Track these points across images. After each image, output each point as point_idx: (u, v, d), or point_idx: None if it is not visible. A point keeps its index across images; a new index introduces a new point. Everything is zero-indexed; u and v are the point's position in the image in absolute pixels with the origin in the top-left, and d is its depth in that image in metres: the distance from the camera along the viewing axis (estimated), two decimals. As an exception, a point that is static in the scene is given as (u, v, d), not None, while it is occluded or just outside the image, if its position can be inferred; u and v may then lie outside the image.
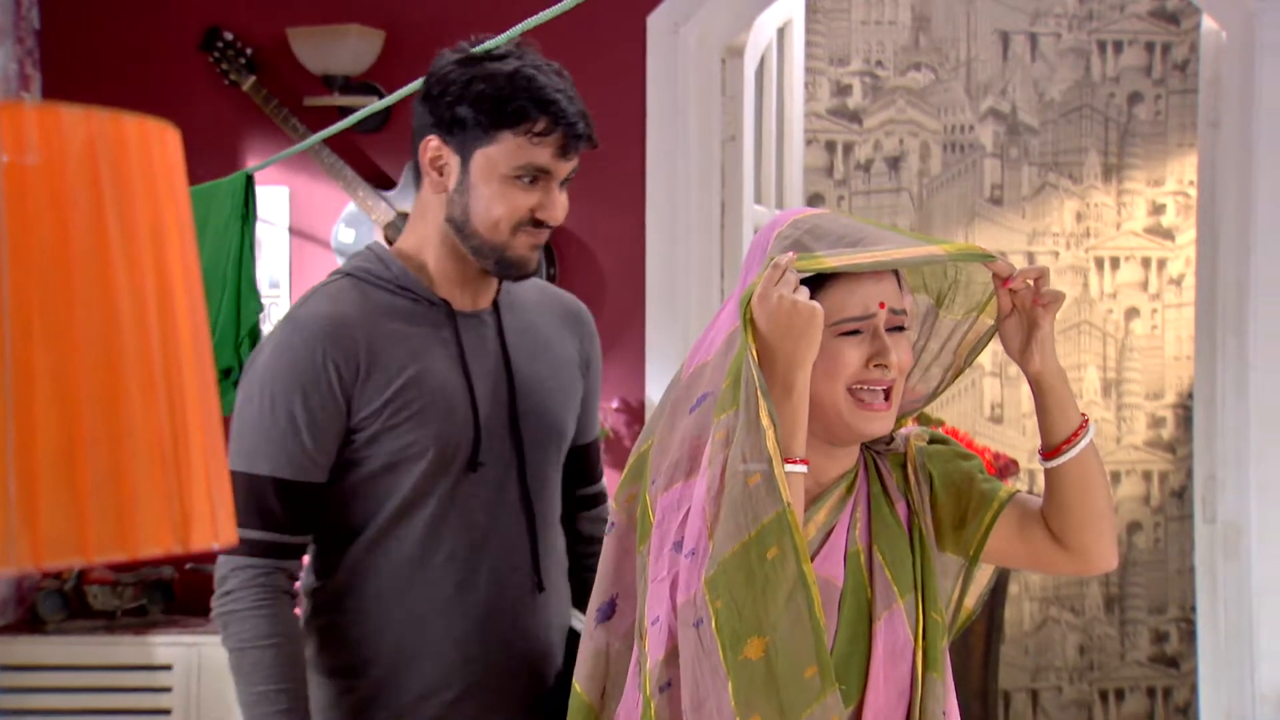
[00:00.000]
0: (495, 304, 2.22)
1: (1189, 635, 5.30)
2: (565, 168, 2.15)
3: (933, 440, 1.94)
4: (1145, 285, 5.34)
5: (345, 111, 3.87)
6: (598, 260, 4.03)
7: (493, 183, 2.09)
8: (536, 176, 2.12)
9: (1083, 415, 1.85)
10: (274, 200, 4.11)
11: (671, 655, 1.75)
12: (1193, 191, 5.27)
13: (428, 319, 2.15)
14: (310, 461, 2.09)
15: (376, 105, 2.83)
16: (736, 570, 1.69)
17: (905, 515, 1.89)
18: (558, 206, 2.16)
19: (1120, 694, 5.39)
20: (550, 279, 3.99)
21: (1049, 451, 1.85)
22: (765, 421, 1.70)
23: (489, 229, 2.10)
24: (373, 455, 2.11)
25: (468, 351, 2.16)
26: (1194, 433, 4.15)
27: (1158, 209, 5.33)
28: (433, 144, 2.09)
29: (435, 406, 2.11)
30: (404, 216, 4.03)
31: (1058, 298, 1.81)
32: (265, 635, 2.07)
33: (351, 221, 4.07)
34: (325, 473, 2.11)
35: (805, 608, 1.69)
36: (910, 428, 1.97)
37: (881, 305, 1.80)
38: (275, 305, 4.04)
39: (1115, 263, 5.32)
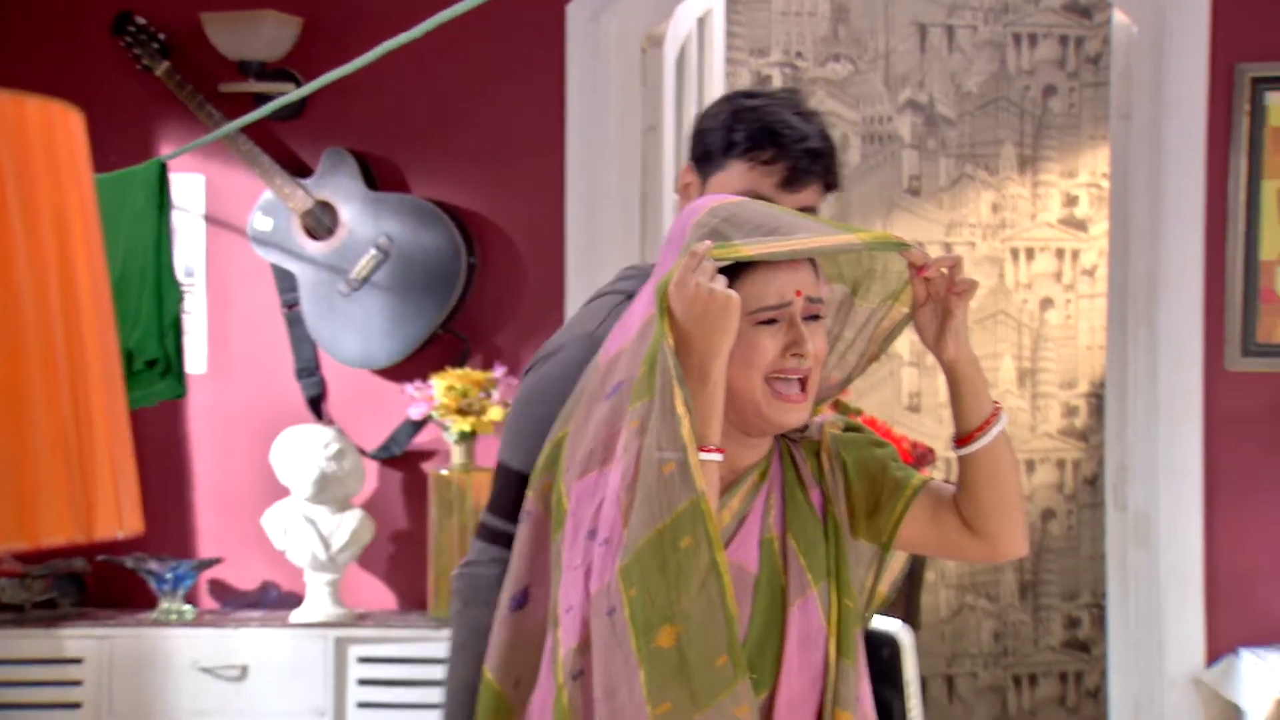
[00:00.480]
0: None
1: (1100, 620, 5.37)
2: (789, 199, 2.12)
3: (847, 428, 1.95)
4: (1059, 276, 5.40)
5: (262, 98, 3.83)
6: (518, 248, 4.02)
7: None
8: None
9: (995, 404, 1.87)
10: (189, 188, 4.05)
11: (585, 643, 1.75)
12: (1105, 183, 5.33)
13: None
14: None
15: (294, 94, 2.80)
16: (650, 558, 1.69)
17: (819, 502, 1.90)
18: None
19: (1034, 679, 5.45)
20: (470, 268, 3.98)
21: (961, 439, 1.87)
22: (680, 410, 1.71)
23: None
24: None
25: None
26: (1105, 422, 4.21)
27: (1071, 200, 5.39)
28: (685, 170, 2.19)
29: None
30: (322, 205, 4.00)
31: (971, 286, 1.83)
32: None
33: (269, 209, 4.03)
34: None
35: (718, 596, 1.70)
36: (826, 415, 1.97)
37: (798, 294, 1.80)
38: (190, 294, 3.99)
39: (1030, 253, 5.38)
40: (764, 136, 2.10)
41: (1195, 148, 3.72)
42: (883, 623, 2.45)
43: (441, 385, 3.83)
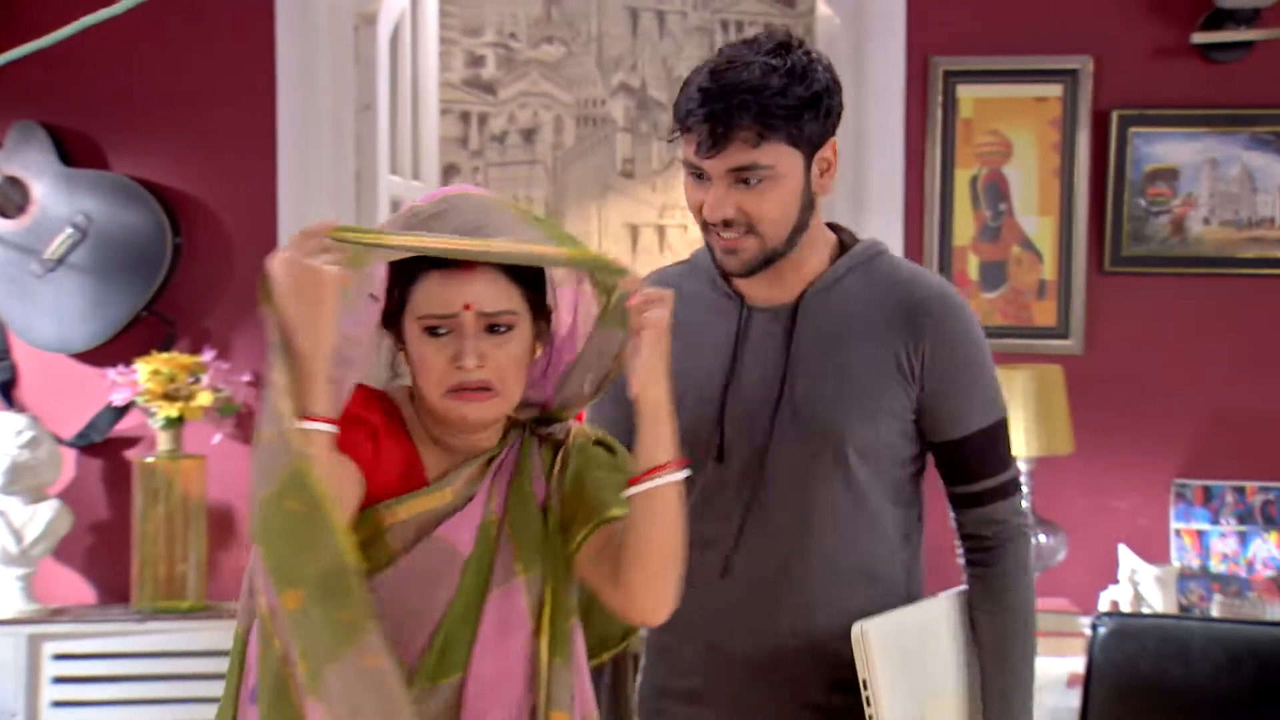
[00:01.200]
0: (801, 297, 2.15)
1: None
2: (713, 164, 2.04)
3: (598, 442, 1.92)
4: (766, 258, 5.53)
5: (-53, 67, 3.63)
6: (227, 228, 3.90)
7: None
8: (700, 173, 2.07)
9: (670, 461, 1.80)
10: None
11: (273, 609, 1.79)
12: (810, 169, 5.50)
13: (722, 311, 2.17)
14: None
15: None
16: (266, 523, 1.72)
17: (542, 495, 1.89)
18: (709, 203, 2.07)
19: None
20: (175, 248, 3.84)
21: (629, 479, 1.84)
22: (277, 380, 1.72)
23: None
24: None
25: (745, 346, 2.16)
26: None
27: (778, 185, 5.53)
28: None
29: (687, 395, 2.09)
30: (11, 180, 3.80)
31: (655, 325, 1.79)
32: None
33: (-45, 185, 3.81)
34: None
35: (335, 555, 1.69)
36: (585, 424, 1.97)
37: (467, 307, 1.79)
38: None
39: (738, 237, 5.49)
40: (681, 106, 2.06)
41: (895, 137, 3.86)
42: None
43: (146, 370, 3.70)
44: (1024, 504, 2.22)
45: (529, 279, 1.84)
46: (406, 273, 1.85)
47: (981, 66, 3.84)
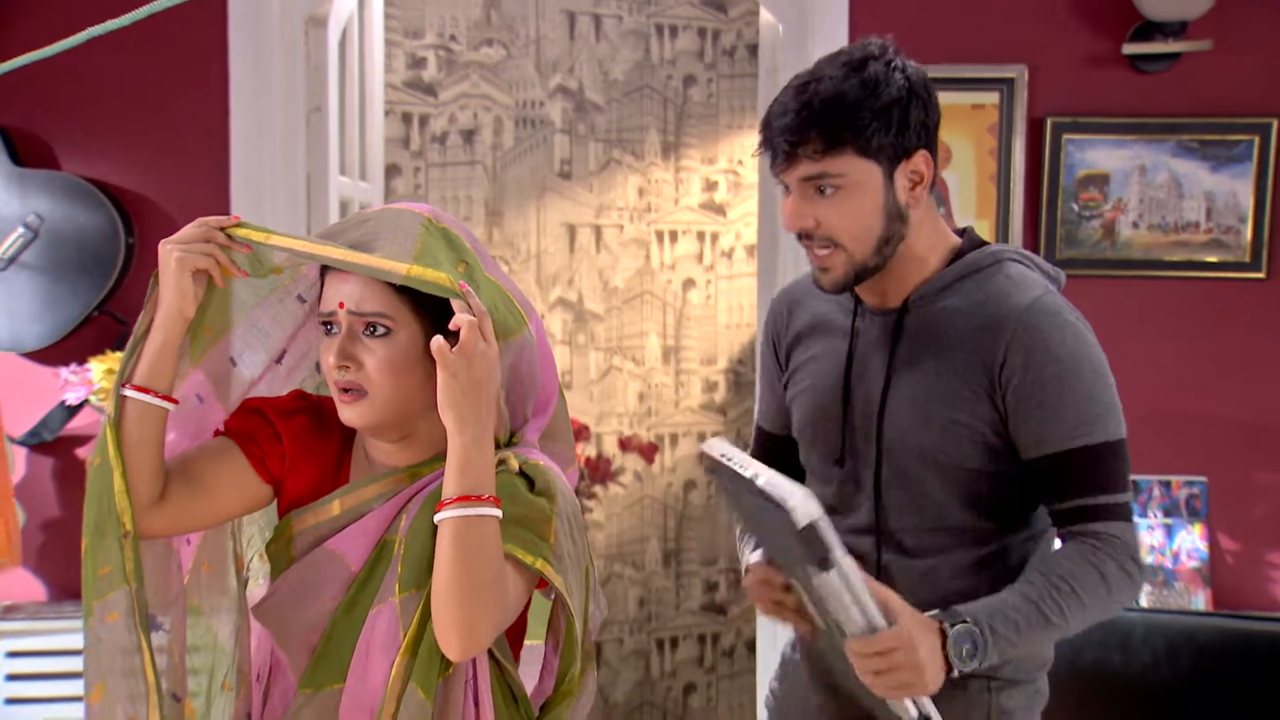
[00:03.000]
0: (906, 303, 2.14)
1: (735, 584, 5.59)
2: (785, 177, 2.07)
3: (523, 473, 1.88)
4: (701, 258, 5.57)
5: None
6: (179, 228, 3.84)
7: None
8: (786, 188, 2.10)
9: (465, 495, 1.76)
10: None
11: None
12: (742, 170, 5.54)
13: (843, 310, 2.21)
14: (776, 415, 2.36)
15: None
16: (89, 480, 1.83)
17: None
18: (788, 212, 2.09)
19: (675, 641, 5.61)
20: (129, 248, 3.81)
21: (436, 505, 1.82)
22: (130, 350, 1.85)
23: None
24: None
25: (858, 347, 2.17)
26: (743, 397, 4.38)
27: (711, 186, 5.57)
28: None
29: (814, 391, 2.19)
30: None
31: (440, 353, 1.75)
32: None
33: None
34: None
35: (108, 511, 1.80)
36: (522, 452, 1.92)
37: (340, 305, 1.83)
38: None
39: (674, 236, 5.52)
40: (763, 121, 2.09)
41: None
42: None
43: (100, 369, 3.67)
44: (1129, 535, 2.05)
45: (419, 293, 1.82)
46: (324, 275, 1.90)
47: (921, 75, 3.90)
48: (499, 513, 1.77)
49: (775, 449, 2.34)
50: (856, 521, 2.16)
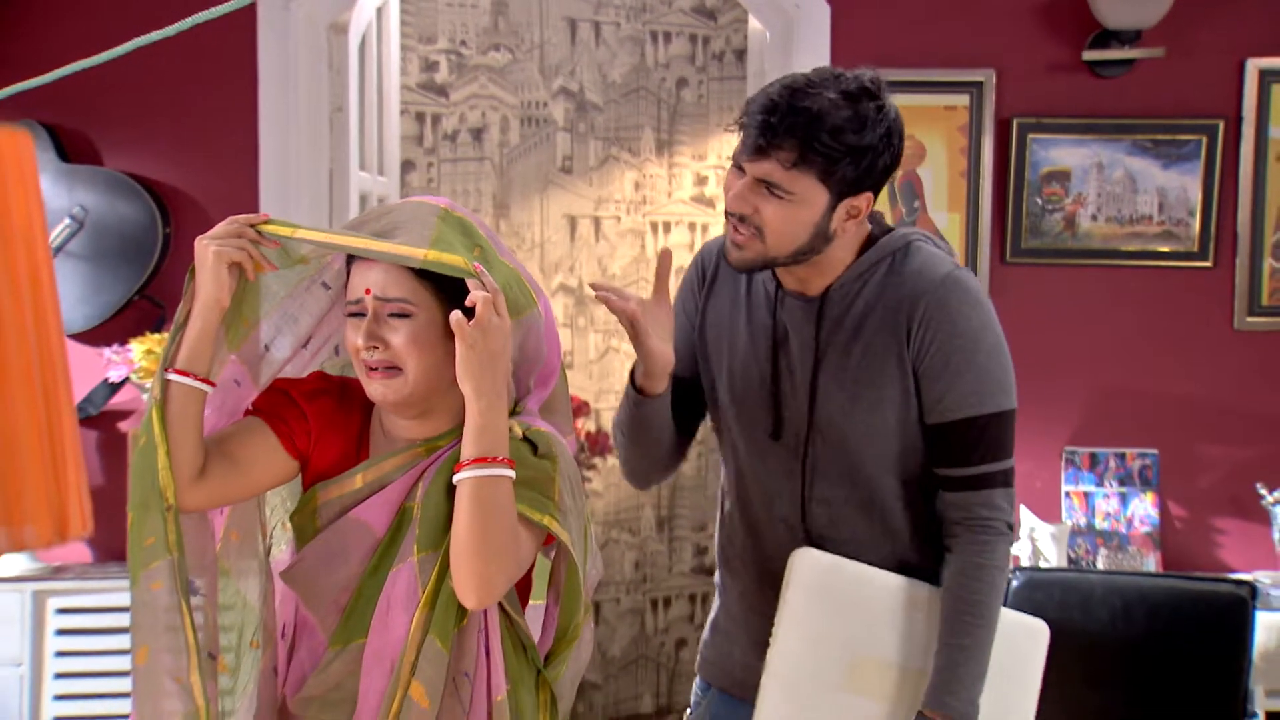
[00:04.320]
0: (827, 291, 2.12)
1: (725, 548, 5.61)
2: (751, 167, 2.02)
3: (526, 438, 1.89)
4: (692, 247, 5.57)
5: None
6: (212, 219, 3.83)
7: None
8: (740, 170, 2.05)
9: (481, 457, 1.78)
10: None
11: None
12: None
13: (766, 294, 2.18)
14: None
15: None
16: (135, 456, 1.84)
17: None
18: (734, 193, 2.06)
19: (668, 601, 5.64)
20: (165, 238, 3.82)
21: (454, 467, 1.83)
22: (171, 336, 1.86)
23: None
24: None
25: (781, 329, 2.15)
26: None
27: (702, 180, 5.58)
28: None
29: (739, 367, 2.17)
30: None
31: (458, 326, 1.76)
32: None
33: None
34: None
35: (151, 485, 1.81)
36: (524, 420, 1.93)
37: (367, 291, 1.85)
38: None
39: (668, 227, 5.54)
40: (749, 103, 2.03)
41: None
42: (1021, 621, 2.27)
43: (140, 349, 3.69)
44: (1002, 502, 2.10)
45: (438, 276, 1.84)
46: (349, 265, 1.92)
47: (898, 78, 3.90)
48: (513, 474, 1.80)
49: (677, 389, 2.22)
50: (787, 491, 2.18)
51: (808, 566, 2.09)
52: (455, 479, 1.79)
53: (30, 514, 0.63)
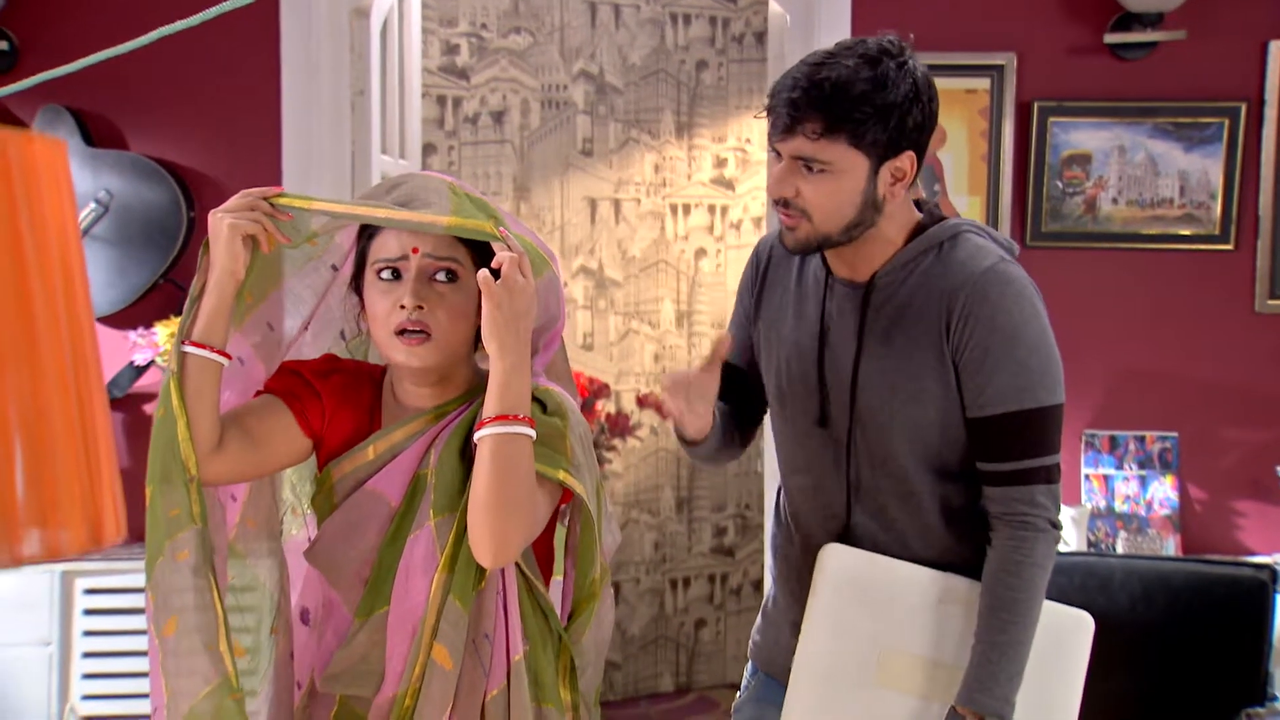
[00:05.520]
0: (873, 278, 2.10)
1: (743, 529, 5.62)
2: (781, 146, 2.02)
3: (535, 397, 1.88)
4: (711, 229, 5.57)
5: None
6: (236, 204, 3.89)
7: None
8: (777, 152, 2.04)
9: (505, 414, 1.78)
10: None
11: None
12: (750, 148, 5.53)
13: (816, 279, 2.17)
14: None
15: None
16: (155, 429, 1.84)
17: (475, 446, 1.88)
18: (772, 179, 2.05)
19: (687, 581, 5.65)
20: (190, 222, 3.83)
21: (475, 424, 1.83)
22: (186, 311, 1.85)
23: None
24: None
25: (829, 316, 2.14)
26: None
27: (721, 163, 5.56)
28: None
29: (788, 354, 2.17)
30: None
31: (486, 283, 1.76)
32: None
33: (-16, 162, 3.76)
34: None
35: (172, 456, 1.80)
36: (533, 381, 1.93)
37: (414, 250, 1.85)
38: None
39: (687, 209, 5.53)
40: (774, 88, 2.03)
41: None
42: (1065, 612, 2.22)
43: (165, 332, 3.69)
44: (1043, 499, 2.05)
45: (473, 243, 1.86)
46: (367, 234, 1.91)
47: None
48: (533, 432, 1.80)
49: (732, 377, 2.26)
50: (832, 480, 2.17)
51: (836, 561, 2.08)
52: (476, 436, 1.79)
53: (65, 518, 0.63)
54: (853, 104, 1.95)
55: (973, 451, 2.10)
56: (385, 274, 1.86)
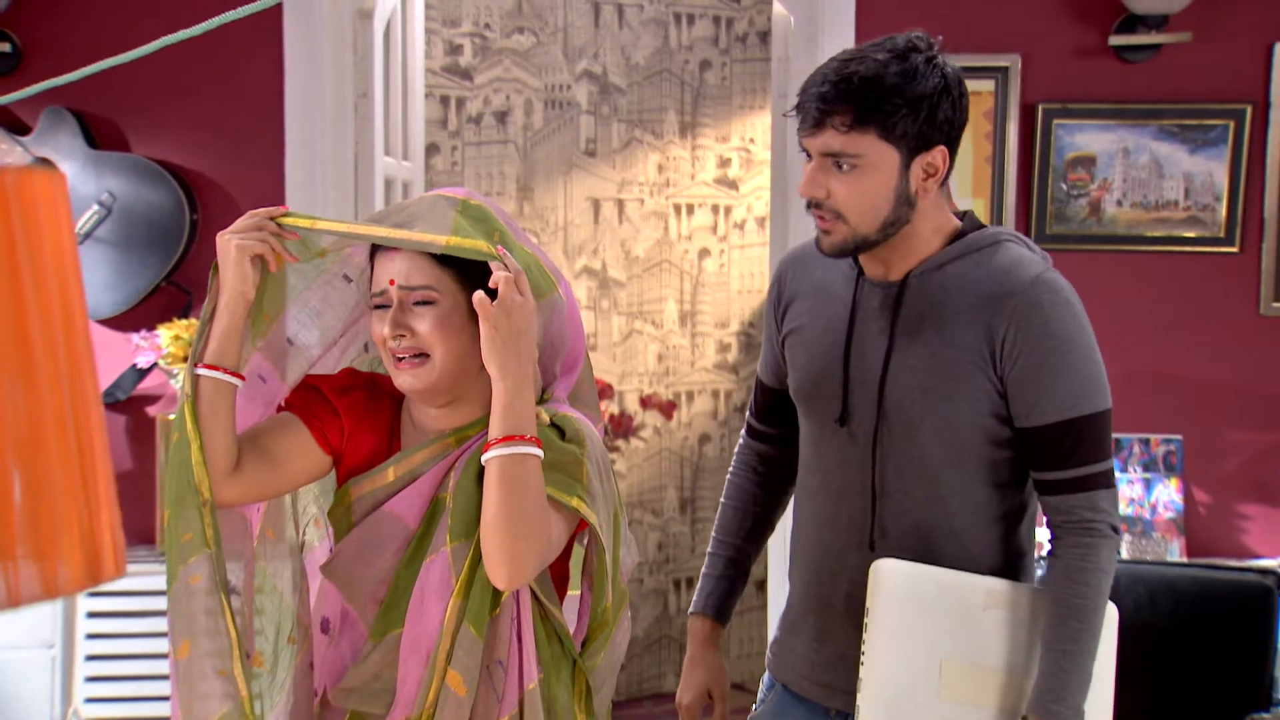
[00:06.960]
0: (907, 277, 2.08)
1: (747, 528, 5.60)
2: (810, 143, 2.00)
3: (554, 424, 1.89)
4: (715, 229, 5.57)
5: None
6: (239, 205, 3.88)
7: None
8: (808, 155, 2.03)
9: (510, 435, 1.78)
10: (-96, 142, 3.74)
11: None
12: (753, 148, 5.52)
13: (846, 279, 2.15)
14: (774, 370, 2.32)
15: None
16: (170, 453, 1.84)
17: None
18: (803, 180, 2.03)
19: (690, 582, 5.64)
20: (193, 224, 3.82)
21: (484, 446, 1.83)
22: (198, 332, 1.86)
23: None
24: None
25: (858, 315, 2.12)
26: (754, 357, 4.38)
27: (725, 162, 5.56)
28: None
29: (813, 353, 2.16)
30: (42, 161, 3.75)
31: (480, 305, 1.77)
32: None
33: (-13, 164, 3.75)
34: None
35: (186, 480, 1.81)
36: (552, 406, 1.93)
37: (391, 282, 1.85)
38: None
39: (690, 209, 5.52)
40: (802, 86, 2.02)
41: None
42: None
43: (168, 335, 3.69)
44: (1105, 504, 2.04)
45: (460, 263, 1.85)
46: (372, 259, 1.92)
47: (923, 64, 3.89)
48: (540, 452, 1.79)
49: (772, 401, 2.32)
50: (855, 480, 2.14)
51: (891, 578, 2.02)
52: (483, 459, 1.79)
53: (64, 553, 0.62)
54: (883, 95, 1.95)
55: (1028, 460, 2.07)
56: (378, 304, 1.88)
